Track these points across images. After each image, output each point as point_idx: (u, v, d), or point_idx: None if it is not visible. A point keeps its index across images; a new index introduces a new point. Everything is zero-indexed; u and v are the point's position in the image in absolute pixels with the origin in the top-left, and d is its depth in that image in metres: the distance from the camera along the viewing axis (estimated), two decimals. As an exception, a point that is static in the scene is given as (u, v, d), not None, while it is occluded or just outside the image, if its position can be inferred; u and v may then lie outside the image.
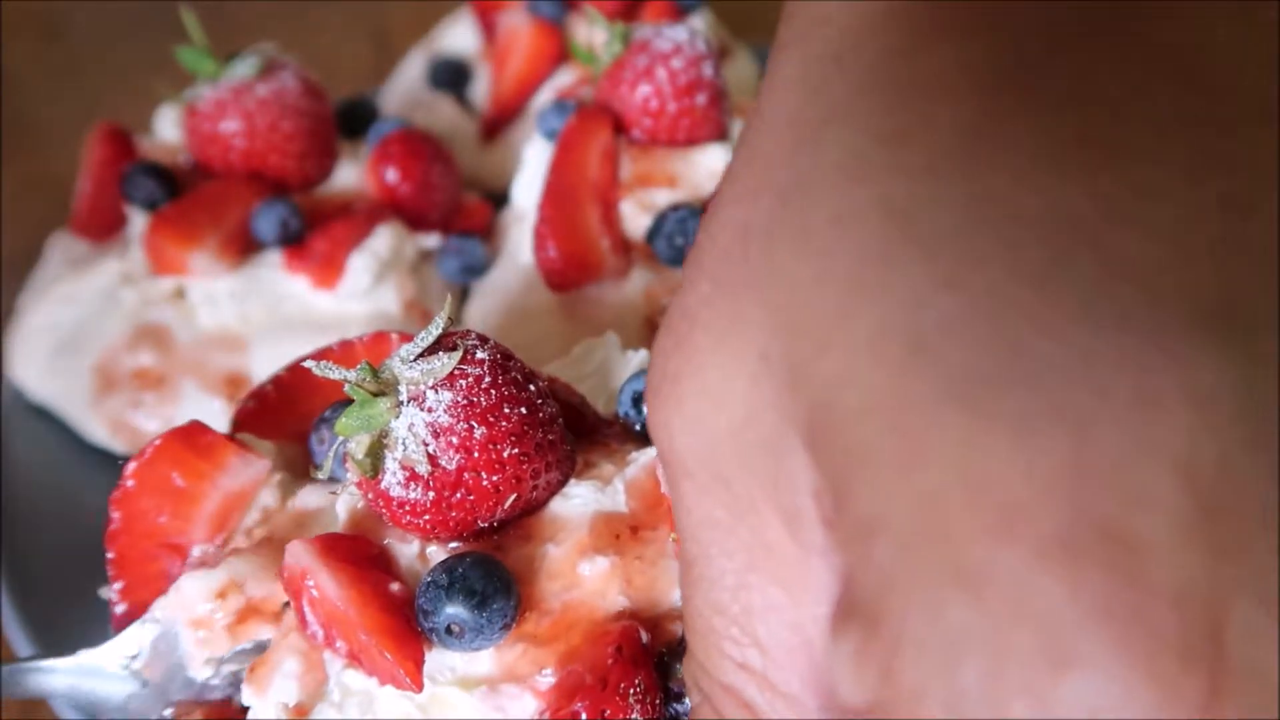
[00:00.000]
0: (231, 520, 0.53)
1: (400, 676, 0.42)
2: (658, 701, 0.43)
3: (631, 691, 0.42)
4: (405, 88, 0.99)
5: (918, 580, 0.25)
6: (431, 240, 0.78)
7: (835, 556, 0.29)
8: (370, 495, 0.45)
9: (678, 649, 0.44)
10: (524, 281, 0.75)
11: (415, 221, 0.77)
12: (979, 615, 0.24)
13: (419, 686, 0.42)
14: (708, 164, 0.70)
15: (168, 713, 0.53)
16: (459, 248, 0.78)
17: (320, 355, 0.55)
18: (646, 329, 0.69)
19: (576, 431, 0.50)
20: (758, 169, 0.32)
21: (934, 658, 0.25)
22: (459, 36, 0.98)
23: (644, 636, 0.43)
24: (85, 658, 0.52)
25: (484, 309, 0.78)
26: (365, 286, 0.72)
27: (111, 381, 0.71)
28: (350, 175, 0.77)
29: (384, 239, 0.73)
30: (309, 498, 0.54)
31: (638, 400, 0.50)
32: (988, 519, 0.24)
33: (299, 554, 0.44)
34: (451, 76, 0.94)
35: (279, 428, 0.56)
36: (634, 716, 0.42)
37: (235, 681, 0.54)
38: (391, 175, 0.75)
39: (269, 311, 0.71)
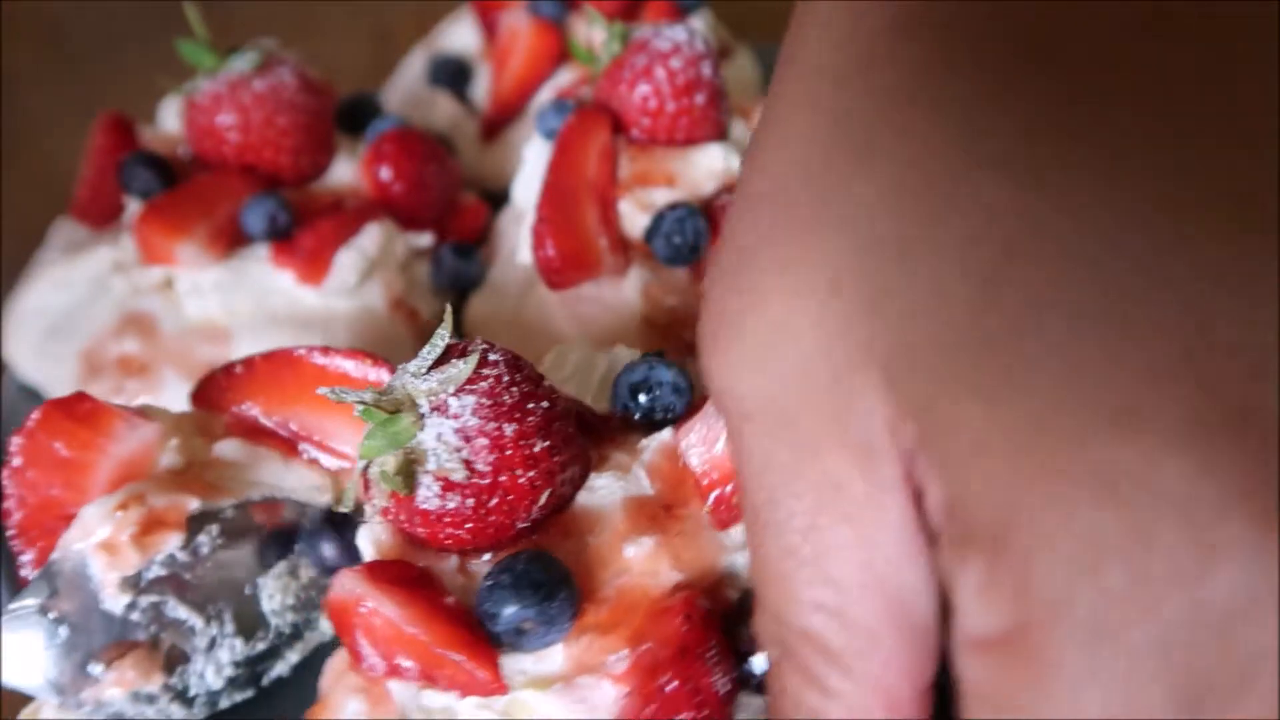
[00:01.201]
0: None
1: (483, 680, 0.42)
2: (732, 662, 0.43)
3: (709, 655, 0.42)
4: (406, 86, 0.99)
5: (1042, 489, 0.25)
6: (424, 239, 0.78)
7: (925, 484, 0.29)
8: (403, 516, 0.44)
9: (736, 613, 0.44)
10: (523, 280, 0.75)
11: (408, 220, 0.77)
12: (1115, 514, 0.24)
13: (503, 686, 0.42)
14: (706, 163, 0.70)
15: (96, 669, 0.51)
16: (455, 267, 0.78)
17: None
18: (645, 327, 0.69)
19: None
20: (803, 107, 0.32)
21: (1074, 564, 0.24)
22: (460, 35, 0.98)
23: (705, 603, 0.43)
24: (4, 614, 0.51)
25: (483, 307, 0.78)
26: (351, 284, 0.72)
27: (96, 368, 0.71)
28: (347, 171, 0.76)
29: (373, 237, 0.73)
30: (225, 448, 0.54)
31: (635, 391, 0.50)
32: (1108, 417, 0.24)
33: (350, 583, 0.43)
34: (452, 75, 0.94)
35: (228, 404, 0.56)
36: (715, 678, 0.42)
37: (158, 617, 0.53)
38: (385, 173, 0.75)
39: (254, 305, 0.71)
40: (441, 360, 0.44)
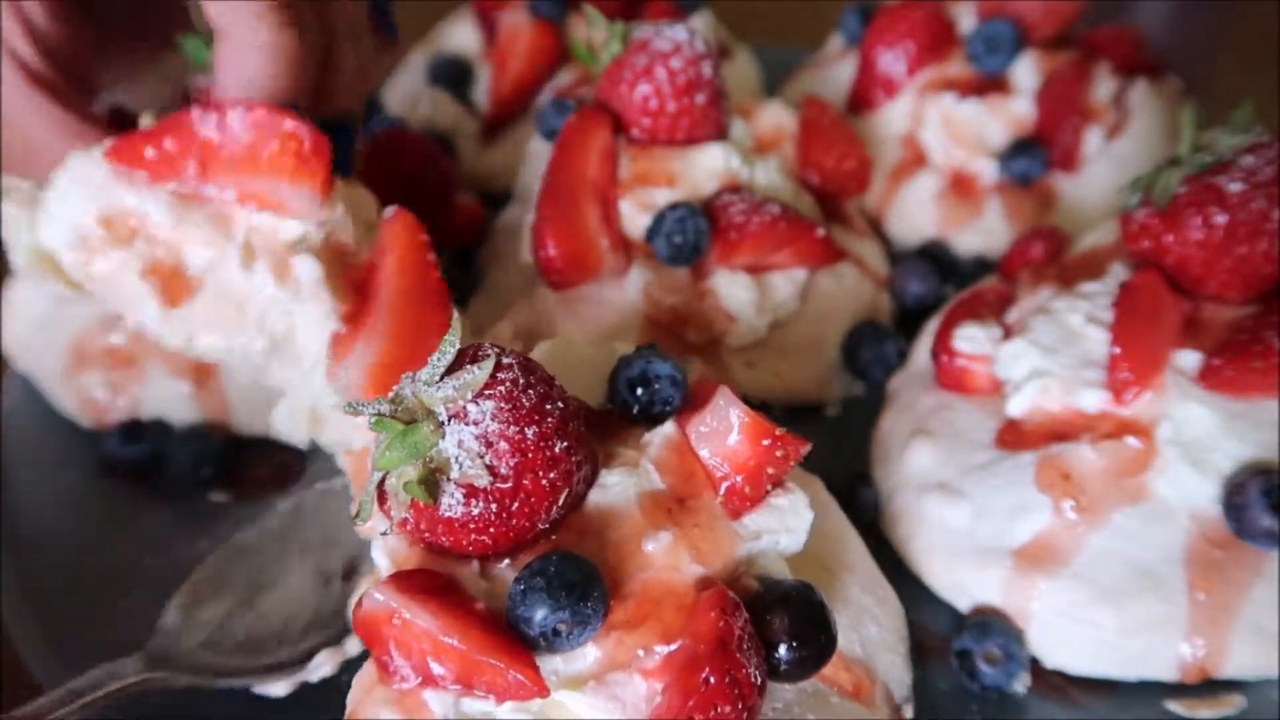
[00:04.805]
0: None
1: (522, 683, 0.41)
2: (763, 653, 0.43)
3: (745, 646, 0.42)
4: (407, 87, 0.99)
5: None
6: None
7: None
8: (423, 526, 0.44)
9: (759, 602, 0.45)
10: (523, 280, 0.75)
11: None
12: None
13: (545, 688, 0.42)
14: (707, 163, 0.70)
15: None
16: (450, 274, 0.77)
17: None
18: (646, 326, 0.69)
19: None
20: None
21: None
22: (460, 36, 0.98)
23: (733, 596, 0.44)
24: None
25: (483, 308, 0.78)
26: (350, 283, 0.72)
27: (84, 359, 0.71)
28: (347, 172, 0.76)
29: (367, 236, 0.73)
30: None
31: (633, 385, 0.50)
32: None
33: (381, 597, 0.43)
34: (452, 75, 0.94)
35: None
36: (750, 670, 0.42)
37: None
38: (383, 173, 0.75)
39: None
40: (454, 367, 0.44)
